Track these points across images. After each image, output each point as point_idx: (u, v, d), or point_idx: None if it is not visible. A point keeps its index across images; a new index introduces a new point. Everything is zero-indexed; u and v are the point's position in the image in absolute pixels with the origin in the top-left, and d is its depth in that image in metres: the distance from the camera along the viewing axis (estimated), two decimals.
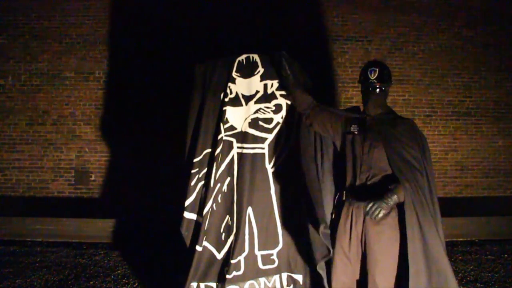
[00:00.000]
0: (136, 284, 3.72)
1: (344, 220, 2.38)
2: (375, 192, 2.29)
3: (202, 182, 2.70)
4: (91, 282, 3.73)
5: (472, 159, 6.25)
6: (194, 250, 2.59)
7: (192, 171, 2.69)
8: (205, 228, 2.61)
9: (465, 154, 6.25)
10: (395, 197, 2.19)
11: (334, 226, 2.45)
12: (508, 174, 6.26)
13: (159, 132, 6.02)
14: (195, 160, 2.70)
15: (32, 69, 6.14)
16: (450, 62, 6.25)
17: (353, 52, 6.17)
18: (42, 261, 4.30)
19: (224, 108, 2.70)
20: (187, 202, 2.68)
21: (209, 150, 2.72)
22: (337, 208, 2.47)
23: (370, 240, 2.30)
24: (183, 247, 2.83)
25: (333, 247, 2.40)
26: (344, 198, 2.42)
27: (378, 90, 2.41)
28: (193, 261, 2.58)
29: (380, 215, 2.17)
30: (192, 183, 2.69)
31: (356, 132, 2.40)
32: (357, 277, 2.41)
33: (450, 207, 5.87)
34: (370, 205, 2.17)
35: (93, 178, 6.10)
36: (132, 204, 5.87)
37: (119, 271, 4.02)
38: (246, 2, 6.06)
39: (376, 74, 2.40)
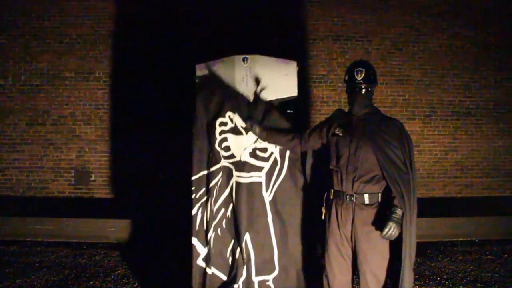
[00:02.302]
0: (136, 284, 3.72)
1: (334, 220, 2.41)
2: (362, 193, 2.33)
3: (202, 203, 2.73)
4: (91, 282, 3.73)
5: (472, 159, 6.25)
6: (205, 272, 2.66)
7: (192, 188, 2.73)
8: (212, 253, 2.67)
9: (465, 154, 6.25)
10: (400, 212, 2.24)
11: (324, 225, 2.49)
12: (508, 174, 6.26)
13: (159, 132, 6.02)
14: (193, 178, 2.74)
15: (32, 69, 6.13)
16: (450, 62, 6.25)
17: (353, 52, 6.17)
18: (42, 261, 4.30)
19: (225, 136, 2.73)
20: (193, 230, 2.72)
21: (205, 172, 2.74)
22: (326, 207, 2.49)
23: (360, 240, 2.33)
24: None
25: (327, 245, 2.44)
26: (332, 197, 2.44)
27: (364, 90, 2.42)
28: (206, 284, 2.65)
29: (397, 234, 2.22)
30: (194, 209, 2.72)
31: (340, 134, 2.42)
32: (351, 274, 2.45)
33: (450, 207, 5.88)
34: (387, 230, 2.19)
35: (93, 178, 6.10)
36: (132, 204, 5.87)
37: (119, 271, 4.02)
38: (246, 3, 6.06)
39: (363, 75, 2.41)
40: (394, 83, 6.20)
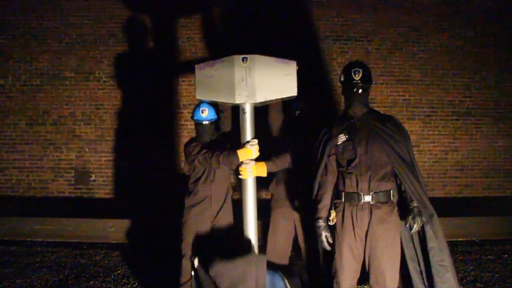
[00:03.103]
0: (136, 284, 3.73)
1: (348, 222, 2.40)
2: (378, 192, 2.34)
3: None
4: (91, 282, 3.74)
5: (472, 159, 6.25)
6: None
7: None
8: None
9: (465, 154, 6.25)
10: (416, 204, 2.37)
11: (334, 227, 2.48)
12: (508, 174, 6.26)
13: (159, 132, 6.02)
14: None
15: (32, 69, 6.13)
16: (450, 62, 6.24)
17: (353, 52, 6.17)
18: (42, 261, 4.31)
19: None
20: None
21: None
22: (336, 210, 2.48)
23: (378, 239, 2.33)
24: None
25: (339, 248, 2.43)
26: (343, 200, 2.43)
27: (361, 90, 2.45)
28: None
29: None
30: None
31: (346, 139, 2.43)
32: (358, 275, 2.47)
33: (450, 207, 5.87)
34: (416, 226, 2.32)
35: (93, 178, 6.10)
36: (132, 204, 5.87)
37: (119, 271, 4.03)
38: (247, 3, 6.06)
39: (360, 75, 2.43)
40: (394, 83, 6.19)
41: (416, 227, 2.29)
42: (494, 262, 4.21)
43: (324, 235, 2.44)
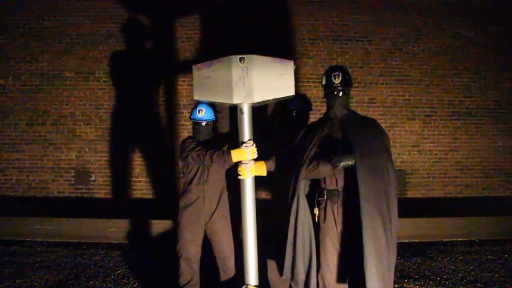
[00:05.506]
0: (136, 284, 3.73)
1: (330, 218, 2.48)
2: (354, 191, 2.36)
3: None
4: (91, 282, 3.74)
5: (472, 159, 6.25)
6: None
7: None
8: None
9: (465, 154, 6.25)
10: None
11: (318, 223, 2.53)
12: (508, 174, 6.26)
13: (159, 132, 6.02)
14: None
15: (32, 69, 6.14)
16: (450, 62, 6.24)
17: (353, 52, 6.17)
18: (42, 261, 4.31)
19: None
20: None
21: None
22: (319, 207, 2.54)
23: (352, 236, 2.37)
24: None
25: (323, 244, 2.49)
26: (325, 197, 2.51)
27: (341, 93, 2.54)
28: None
29: (340, 164, 2.35)
30: None
31: (324, 135, 2.51)
32: (345, 270, 2.49)
33: (450, 207, 5.88)
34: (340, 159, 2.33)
35: (93, 178, 6.10)
36: (132, 204, 5.88)
37: (119, 271, 4.03)
38: (247, 3, 6.06)
39: (340, 79, 2.53)
40: (394, 83, 6.19)
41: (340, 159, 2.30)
42: (494, 262, 4.21)
43: (343, 158, 2.39)
